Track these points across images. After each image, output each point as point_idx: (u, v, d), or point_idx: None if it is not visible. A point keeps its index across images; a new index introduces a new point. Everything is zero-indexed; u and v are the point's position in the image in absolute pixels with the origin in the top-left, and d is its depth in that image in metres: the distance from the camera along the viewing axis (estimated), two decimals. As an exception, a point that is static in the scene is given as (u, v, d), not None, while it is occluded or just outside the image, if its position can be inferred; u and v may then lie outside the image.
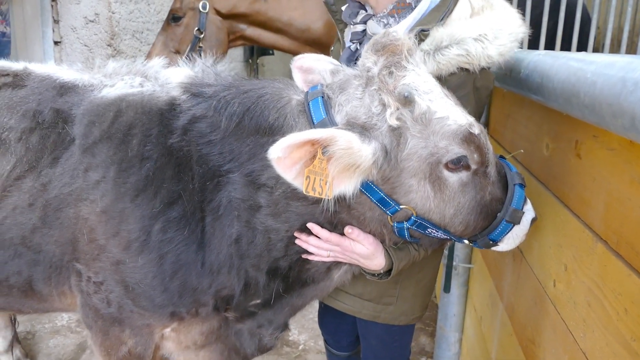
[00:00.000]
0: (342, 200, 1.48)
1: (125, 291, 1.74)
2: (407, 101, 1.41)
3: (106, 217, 1.68)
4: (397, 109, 1.42)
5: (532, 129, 2.05)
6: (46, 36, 4.25)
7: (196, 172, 1.64)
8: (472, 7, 1.82)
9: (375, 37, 1.55)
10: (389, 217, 1.52)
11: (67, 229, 1.75)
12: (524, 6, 3.70)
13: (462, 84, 1.69)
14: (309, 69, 1.70)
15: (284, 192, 1.55)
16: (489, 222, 1.56)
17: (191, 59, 1.82)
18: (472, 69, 1.67)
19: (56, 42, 4.30)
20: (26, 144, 1.78)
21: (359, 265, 1.70)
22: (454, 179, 1.48)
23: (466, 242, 1.62)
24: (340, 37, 1.99)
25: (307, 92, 1.56)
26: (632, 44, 4.10)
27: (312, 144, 1.37)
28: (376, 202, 1.49)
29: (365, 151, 1.39)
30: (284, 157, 1.35)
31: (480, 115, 1.81)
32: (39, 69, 1.97)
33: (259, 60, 6.47)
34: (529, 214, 1.59)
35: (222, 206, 1.63)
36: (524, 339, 1.93)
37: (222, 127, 1.60)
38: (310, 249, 1.63)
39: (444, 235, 1.56)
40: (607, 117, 1.17)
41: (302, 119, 1.53)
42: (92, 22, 4.22)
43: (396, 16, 1.81)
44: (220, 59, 1.80)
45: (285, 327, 1.98)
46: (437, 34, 1.66)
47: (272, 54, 6.00)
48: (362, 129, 1.43)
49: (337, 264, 1.74)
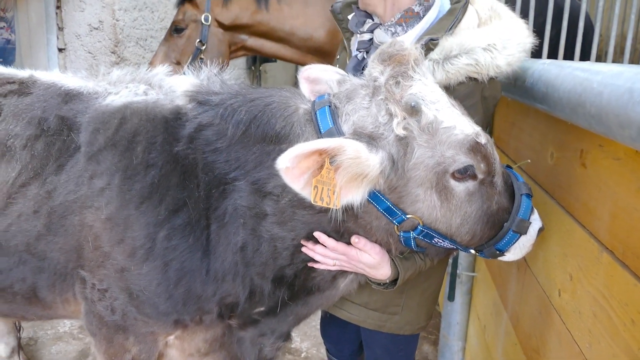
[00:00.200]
0: (349, 209, 1.48)
1: (129, 298, 1.74)
2: (414, 111, 1.42)
3: (111, 224, 1.68)
4: (404, 119, 1.42)
5: (536, 138, 2.04)
6: (51, 43, 4.27)
7: (202, 180, 1.64)
8: (480, 17, 1.82)
9: (381, 47, 1.55)
10: (396, 226, 1.52)
11: (71, 236, 1.75)
12: (527, 15, 3.71)
13: (470, 94, 1.69)
14: (316, 79, 1.70)
15: (290, 201, 1.55)
16: (495, 232, 1.56)
17: (195, 68, 1.83)
18: (481, 79, 1.66)
19: (60, 49, 4.32)
20: (31, 151, 1.78)
21: (364, 274, 1.70)
22: (460, 188, 1.48)
23: (472, 251, 1.62)
24: (346, 45, 1.99)
25: (314, 101, 1.56)
26: (635, 52, 4.09)
27: (320, 153, 1.38)
28: (383, 211, 1.49)
29: (372, 160, 1.39)
30: (292, 167, 1.35)
31: (487, 124, 1.81)
32: (44, 76, 1.97)
33: (261, 67, 6.49)
34: (536, 224, 1.59)
35: (228, 214, 1.63)
36: (528, 348, 1.92)
37: (229, 135, 1.60)
38: (316, 257, 1.63)
39: (451, 244, 1.56)
40: (614, 128, 1.17)
41: (309, 128, 1.53)
42: (96, 29, 4.24)
43: (404, 25, 1.81)
44: (224, 68, 1.81)
45: (287, 337, 1.98)
46: (447, 44, 1.66)
47: (275, 61, 6.02)
48: (369, 139, 1.43)
49: (343, 272, 1.74)
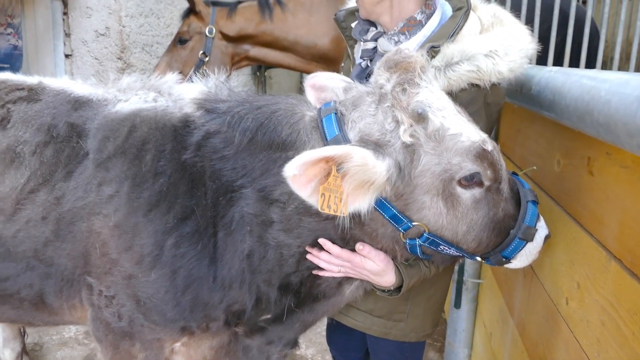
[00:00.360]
0: (356, 216, 1.48)
1: (136, 305, 1.74)
2: (420, 118, 1.42)
3: (119, 231, 1.69)
4: (411, 126, 1.42)
5: (542, 145, 2.04)
6: (57, 49, 4.30)
7: (209, 188, 1.64)
8: (482, 24, 1.83)
9: (387, 55, 1.56)
10: (402, 233, 1.52)
11: (79, 243, 1.75)
12: (532, 21, 3.71)
13: (472, 100, 1.69)
14: (322, 87, 1.70)
15: (297, 208, 1.56)
16: (501, 239, 1.56)
17: (203, 76, 1.84)
18: (483, 85, 1.67)
19: (67, 55, 4.35)
20: (40, 157, 1.79)
21: (369, 281, 1.70)
22: (467, 195, 1.48)
23: (478, 259, 1.62)
24: (350, 53, 2.00)
25: (320, 109, 1.57)
26: (641, 57, 4.08)
27: (327, 161, 1.38)
28: (389, 218, 1.49)
29: (379, 168, 1.39)
30: (299, 174, 1.36)
31: (491, 131, 1.81)
32: (53, 83, 1.98)
33: (266, 73, 6.51)
34: (542, 231, 1.58)
35: (235, 221, 1.63)
36: (535, 356, 1.92)
37: (236, 142, 1.60)
38: (321, 264, 1.63)
39: (457, 252, 1.56)
40: (623, 136, 1.17)
41: (315, 135, 1.54)
42: (103, 35, 4.27)
43: (407, 33, 1.82)
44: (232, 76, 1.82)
45: (295, 344, 1.97)
46: (448, 50, 1.66)
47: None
48: (376, 146, 1.43)
49: (348, 279, 1.74)
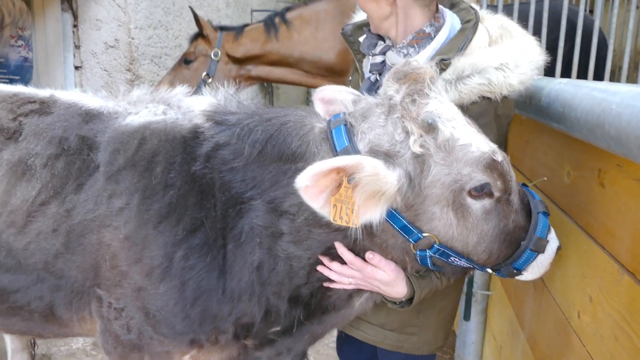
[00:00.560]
0: (366, 228, 1.48)
1: (145, 318, 1.74)
2: (430, 128, 1.42)
3: (129, 243, 1.69)
4: (421, 136, 1.42)
5: (552, 156, 2.03)
6: (67, 61, 4.34)
7: (218, 199, 1.65)
8: (490, 35, 1.83)
9: (396, 66, 1.56)
10: (412, 244, 1.51)
11: (89, 255, 1.76)
12: (540, 31, 3.71)
13: (483, 113, 1.70)
14: (331, 100, 1.71)
15: (306, 219, 1.56)
16: (512, 251, 1.55)
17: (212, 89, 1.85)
18: (494, 98, 1.67)
19: (77, 67, 4.39)
20: (52, 170, 1.79)
21: (380, 293, 1.69)
22: (477, 206, 1.48)
23: (489, 270, 1.61)
24: (358, 67, 2.00)
25: (330, 120, 1.57)
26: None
27: (338, 172, 1.38)
28: (399, 229, 1.48)
29: (390, 177, 1.39)
30: (311, 185, 1.36)
31: (501, 142, 1.80)
32: (65, 96, 1.99)
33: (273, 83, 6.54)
34: (553, 242, 1.57)
35: (244, 233, 1.63)
36: (547, 369, 1.90)
37: (245, 154, 1.61)
38: (332, 276, 1.63)
39: (467, 263, 1.55)
40: (635, 149, 1.16)
41: (325, 147, 1.54)
42: (112, 47, 4.30)
43: (416, 46, 1.82)
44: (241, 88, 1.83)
45: (303, 356, 1.96)
46: (459, 64, 1.67)
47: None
48: (386, 157, 1.43)
49: (358, 291, 1.73)
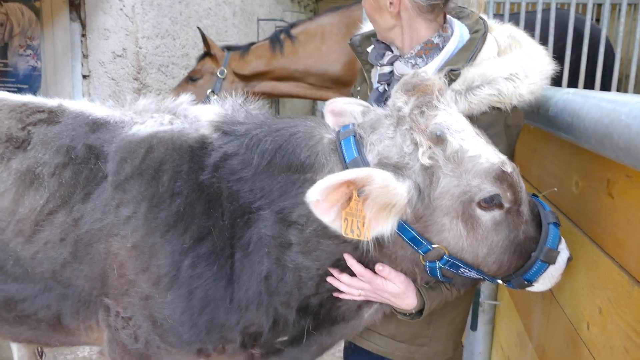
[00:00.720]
0: (378, 239, 1.47)
1: (153, 327, 1.74)
2: (439, 140, 1.42)
3: (136, 252, 1.69)
4: (430, 148, 1.42)
5: (559, 166, 2.03)
6: (75, 70, 4.37)
7: (226, 209, 1.65)
8: (499, 45, 1.83)
9: (405, 77, 1.56)
10: (421, 256, 1.51)
11: (97, 264, 1.76)
12: (547, 40, 3.72)
13: (493, 123, 1.69)
14: (341, 112, 1.71)
15: (315, 230, 1.56)
16: (523, 262, 1.54)
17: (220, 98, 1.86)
18: (504, 108, 1.67)
19: (85, 76, 4.41)
20: (59, 179, 1.80)
21: (390, 304, 1.69)
22: (486, 217, 1.47)
23: (500, 282, 1.60)
24: (367, 77, 2.00)
25: (339, 131, 1.58)
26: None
27: (348, 185, 1.38)
28: (408, 241, 1.48)
29: (400, 189, 1.39)
30: (322, 199, 1.36)
31: (511, 153, 1.80)
32: (72, 105, 2.00)
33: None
34: (564, 253, 1.56)
35: (252, 243, 1.63)
36: (556, 381, 1.88)
37: (254, 164, 1.61)
38: (341, 287, 1.62)
39: (477, 275, 1.54)
40: (645, 160, 1.16)
41: (334, 158, 1.54)
42: (120, 56, 4.33)
43: (424, 57, 1.82)
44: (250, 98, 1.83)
45: (311, 366, 1.96)
46: (469, 74, 1.66)
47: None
48: (395, 169, 1.43)
49: (367, 302, 1.72)
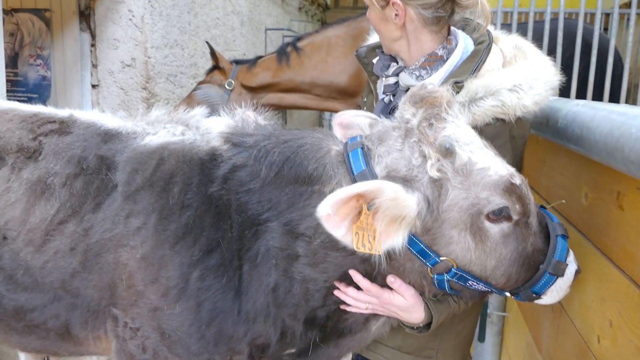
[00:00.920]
0: (390, 252, 1.47)
1: (161, 338, 1.74)
2: (448, 152, 1.42)
3: (145, 263, 1.70)
4: (438, 161, 1.42)
5: (569, 177, 2.02)
6: (84, 80, 4.40)
7: (235, 221, 1.65)
8: (504, 56, 1.83)
9: (412, 90, 1.57)
10: (429, 268, 1.50)
11: (106, 274, 1.76)
12: (555, 50, 3.72)
13: (498, 134, 1.69)
14: (349, 124, 1.71)
15: (323, 242, 1.55)
16: (531, 274, 1.53)
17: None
18: (508, 119, 1.66)
19: (94, 86, 4.45)
20: (70, 189, 1.81)
21: (397, 318, 1.68)
22: (495, 230, 1.47)
23: (508, 294, 1.59)
24: (373, 88, 2.01)
25: (347, 143, 1.58)
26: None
27: (358, 198, 1.38)
28: (416, 253, 1.48)
29: (410, 201, 1.39)
30: (332, 213, 1.36)
31: (518, 164, 1.80)
32: (84, 116, 2.01)
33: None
34: (572, 265, 1.55)
35: (260, 255, 1.63)
36: (566, 395, 1.86)
37: (262, 176, 1.61)
38: (348, 300, 1.62)
39: (485, 287, 1.54)
40: (656, 174, 1.15)
41: (342, 170, 1.54)
42: (129, 66, 4.36)
43: (428, 68, 1.82)
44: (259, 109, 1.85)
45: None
46: (472, 86, 1.66)
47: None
48: (403, 181, 1.43)
49: (375, 315, 1.71)
